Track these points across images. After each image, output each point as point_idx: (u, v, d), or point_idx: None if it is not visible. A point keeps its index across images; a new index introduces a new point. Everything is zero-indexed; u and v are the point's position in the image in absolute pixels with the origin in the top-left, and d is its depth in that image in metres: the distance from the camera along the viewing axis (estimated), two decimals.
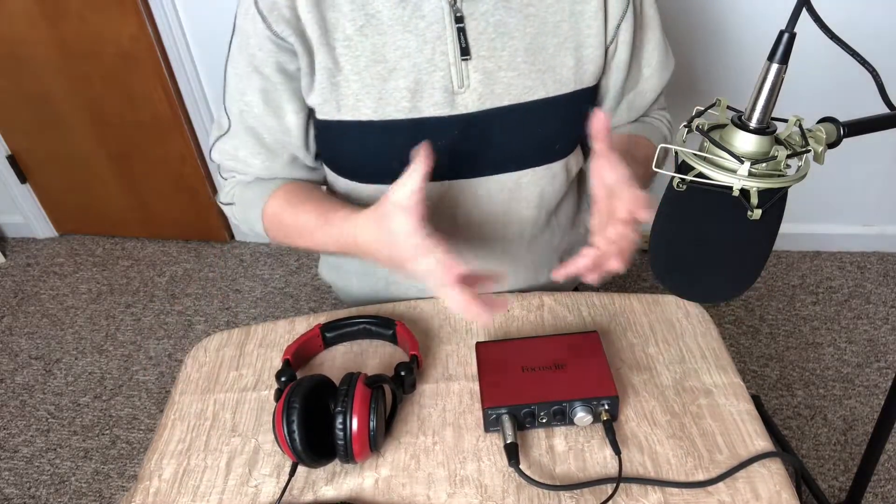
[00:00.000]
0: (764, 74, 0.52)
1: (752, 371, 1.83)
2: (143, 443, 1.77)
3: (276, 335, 0.91)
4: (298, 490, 0.72)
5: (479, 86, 0.83)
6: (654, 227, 0.66)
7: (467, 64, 0.82)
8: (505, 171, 0.90)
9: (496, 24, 0.82)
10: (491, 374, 0.76)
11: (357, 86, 0.83)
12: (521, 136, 0.88)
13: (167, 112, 2.10)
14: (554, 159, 0.92)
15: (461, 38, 0.81)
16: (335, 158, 0.93)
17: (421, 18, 0.80)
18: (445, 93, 0.83)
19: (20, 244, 2.52)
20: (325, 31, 0.81)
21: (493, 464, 0.72)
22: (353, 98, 0.83)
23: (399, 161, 0.85)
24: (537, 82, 0.85)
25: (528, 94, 0.85)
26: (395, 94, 0.83)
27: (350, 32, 0.81)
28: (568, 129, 0.91)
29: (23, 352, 2.06)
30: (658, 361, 0.82)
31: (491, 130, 0.86)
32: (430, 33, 0.81)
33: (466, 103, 0.84)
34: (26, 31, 1.98)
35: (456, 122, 0.85)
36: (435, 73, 0.82)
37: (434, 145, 0.83)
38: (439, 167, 0.86)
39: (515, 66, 0.83)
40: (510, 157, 0.90)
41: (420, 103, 0.83)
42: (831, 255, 2.18)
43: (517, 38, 0.83)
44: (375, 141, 0.86)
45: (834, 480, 1.56)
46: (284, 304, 2.16)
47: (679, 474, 0.70)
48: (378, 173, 0.90)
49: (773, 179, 0.54)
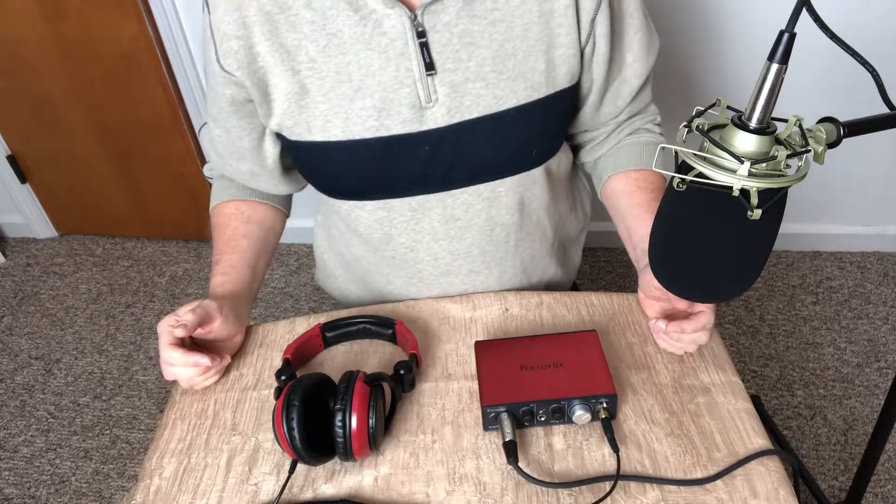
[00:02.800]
0: (764, 74, 0.53)
1: (752, 371, 1.83)
2: (143, 443, 1.77)
3: (277, 335, 0.91)
4: (298, 488, 0.72)
5: (447, 99, 0.82)
6: (653, 227, 0.66)
7: (433, 78, 0.80)
8: (480, 181, 0.89)
9: (460, 34, 0.79)
10: (490, 372, 0.76)
11: (325, 107, 0.82)
12: (495, 147, 0.86)
13: (167, 112, 2.10)
14: (532, 166, 0.91)
15: (425, 53, 0.79)
16: (312, 176, 0.94)
17: (382, 35, 0.78)
18: (413, 109, 0.82)
19: (20, 244, 2.52)
20: (288, 56, 0.80)
21: (491, 462, 0.72)
22: (323, 119, 0.83)
23: (370, 179, 0.88)
24: (507, 91, 0.82)
25: (499, 104, 0.83)
26: (362, 113, 0.82)
27: (314, 54, 0.80)
28: (544, 134, 0.89)
29: (23, 352, 2.07)
30: (656, 360, 0.82)
31: (462, 143, 0.85)
32: (392, 50, 0.79)
33: (435, 118, 0.83)
34: (26, 31, 1.98)
35: (426, 138, 0.84)
36: (401, 90, 0.81)
37: (405, 162, 0.84)
38: (413, 183, 0.88)
39: (483, 76, 0.81)
40: (484, 168, 0.88)
41: (388, 121, 0.82)
42: (831, 255, 2.18)
43: (483, 46, 0.80)
44: (346, 160, 0.86)
45: (834, 480, 1.56)
46: (284, 304, 2.16)
47: (677, 472, 0.70)
48: (352, 190, 0.91)
49: (773, 179, 0.54)
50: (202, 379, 0.82)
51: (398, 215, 0.91)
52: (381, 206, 0.90)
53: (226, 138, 0.92)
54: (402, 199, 0.89)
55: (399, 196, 0.89)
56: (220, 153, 0.96)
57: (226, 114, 0.88)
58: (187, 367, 0.80)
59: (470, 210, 0.91)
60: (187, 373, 0.81)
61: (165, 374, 0.82)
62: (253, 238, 0.96)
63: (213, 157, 0.98)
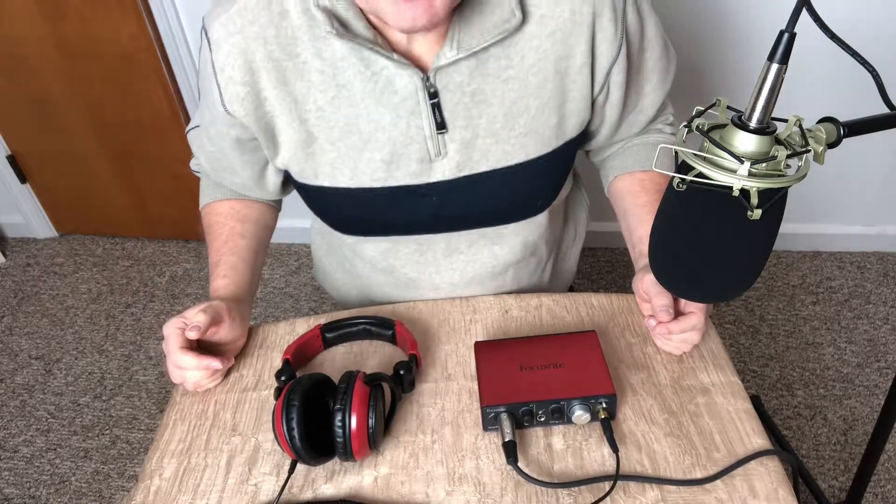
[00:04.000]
0: (764, 74, 0.53)
1: (752, 371, 1.83)
2: (143, 443, 1.77)
3: (277, 336, 0.91)
4: (298, 488, 0.72)
5: (457, 155, 0.81)
6: (654, 227, 0.66)
7: (444, 136, 0.80)
8: (485, 226, 0.90)
9: (472, 93, 0.78)
10: (489, 372, 0.76)
11: (333, 155, 0.81)
12: (502, 199, 0.87)
13: (167, 112, 2.10)
14: (536, 213, 0.91)
15: (436, 114, 0.78)
16: (318, 213, 0.94)
17: (394, 94, 0.77)
18: (422, 163, 0.82)
19: (20, 244, 2.52)
20: (295, 104, 0.79)
21: (491, 462, 0.72)
22: (330, 166, 0.82)
23: (377, 222, 0.88)
24: (517, 147, 0.82)
25: (508, 159, 0.83)
26: (371, 164, 0.81)
27: (322, 103, 0.78)
28: (551, 185, 0.90)
29: (23, 352, 2.07)
30: (656, 360, 0.82)
31: (470, 195, 0.85)
32: (403, 109, 0.78)
33: (444, 171, 0.83)
34: (26, 31, 1.98)
35: (433, 189, 0.84)
36: (411, 146, 0.80)
37: (412, 210, 0.85)
38: (419, 226, 0.88)
39: (494, 133, 0.81)
40: (490, 216, 0.89)
41: (396, 173, 0.82)
42: (831, 255, 2.18)
43: (495, 105, 0.79)
44: (353, 205, 0.86)
45: (834, 480, 1.56)
46: (284, 305, 2.16)
47: (676, 472, 0.70)
48: (359, 230, 0.91)
49: (773, 179, 0.54)
50: (208, 381, 0.82)
51: (403, 247, 0.92)
52: (385, 240, 0.92)
53: (220, 157, 0.91)
54: (407, 235, 0.91)
55: (405, 234, 0.90)
56: (212, 165, 0.95)
57: (228, 147, 0.87)
58: (199, 370, 0.80)
59: (473, 246, 0.92)
60: (198, 376, 0.81)
61: (174, 378, 0.81)
62: (250, 237, 0.96)
63: (205, 165, 0.97)
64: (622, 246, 0.96)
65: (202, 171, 1.02)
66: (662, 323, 0.78)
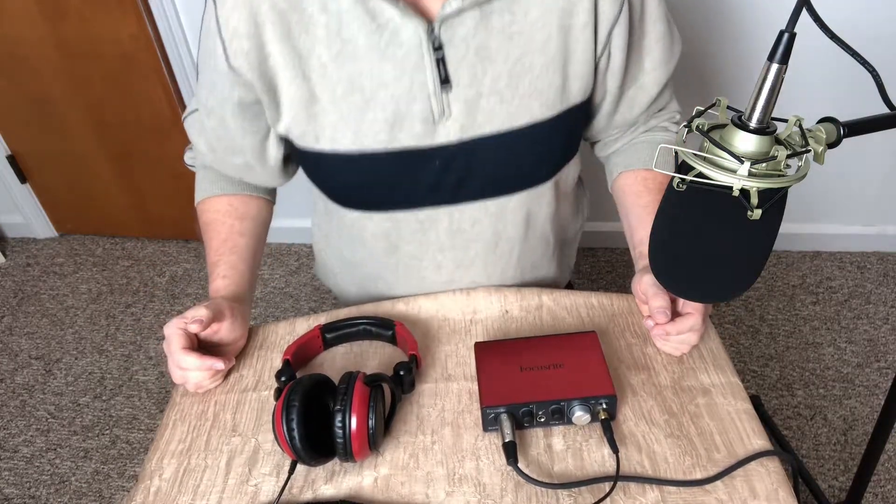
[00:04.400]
0: (764, 74, 0.53)
1: (752, 371, 1.83)
2: (143, 443, 1.77)
3: (277, 336, 0.91)
4: (298, 489, 0.72)
5: (461, 115, 0.80)
6: (654, 227, 0.66)
7: (447, 93, 0.79)
8: (489, 197, 0.89)
9: (477, 48, 0.77)
10: (489, 373, 0.76)
11: (335, 116, 0.80)
12: (506, 164, 0.86)
13: (167, 112, 2.10)
14: (541, 181, 0.90)
15: (441, 68, 0.77)
16: (320, 183, 0.93)
17: (398, 47, 0.77)
18: (425, 123, 0.80)
19: (20, 244, 2.52)
20: (299, 60, 0.78)
21: (491, 462, 0.72)
22: (331, 129, 0.81)
23: (380, 191, 0.87)
24: (521, 108, 0.81)
25: (512, 121, 0.82)
26: (374, 125, 0.80)
27: (325, 60, 0.78)
28: (556, 151, 0.89)
29: (23, 352, 2.07)
30: (656, 361, 0.82)
31: (474, 159, 0.84)
32: (407, 62, 0.77)
33: (448, 133, 0.81)
34: (26, 31, 1.98)
35: (437, 153, 0.83)
36: (414, 104, 0.79)
37: (415, 176, 0.84)
38: (422, 197, 0.87)
39: (498, 92, 0.80)
40: (494, 184, 0.88)
41: (399, 134, 0.81)
42: (831, 255, 2.18)
43: (500, 61, 0.78)
44: (355, 171, 0.85)
45: (834, 480, 1.56)
46: (284, 305, 2.16)
47: (677, 473, 0.70)
48: (360, 201, 0.90)
49: (773, 179, 0.54)
50: (209, 382, 0.82)
51: (405, 226, 0.91)
52: (387, 218, 0.90)
53: (221, 132, 0.89)
54: (409, 210, 0.89)
55: (407, 209, 0.89)
56: (211, 146, 0.93)
57: (229, 113, 0.86)
58: (201, 371, 0.80)
59: (476, 225, 0.91)
60: (200, 376, 0.81)
61: (175, 379, 0.81)
62: (249, 236, 0.96)
63: (203, 147, 0.94)
64: (622, 246, 0.96)
65: (198, 165, 1.01)
66: (660, 324, 0.78)
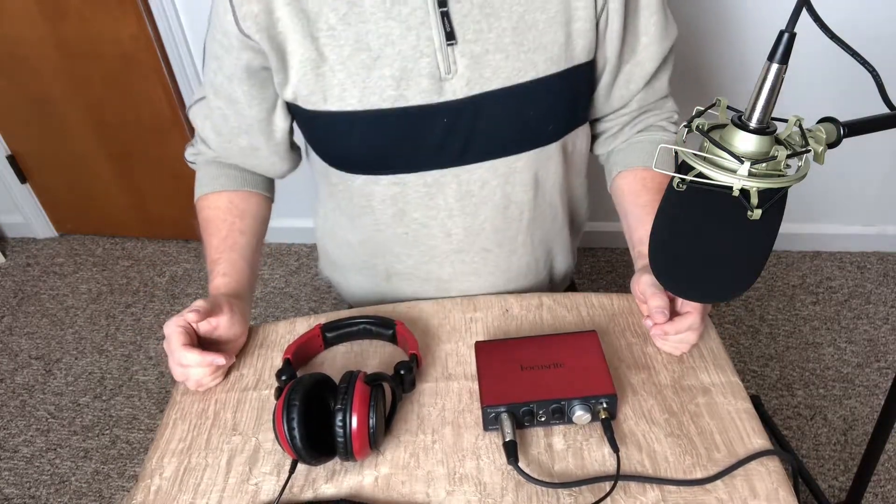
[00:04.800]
0: (764, 74, 0.53)
1: (752, 371, 1.83)
2: (143, 443, 1.77)
3: (277, 335, 0.91)
4: (298, 488, 0.72)
5: (467, 71, 0.82)
6: (654, 227, 0.66)
7: (453, 49, 0.80)
8: (497, 156, 0.89)
9: (481, 4, 0.79)
10: (490, 372, 0.76)
11: (342, 75, 0.81)
12: (512, 120, 0.86)
13: (167, 112, 2.11)
14: (548, 141, 0.90)
15: (445, 23, 0.79)
16: (326, 149, 0.92)
17: (404, 4, 0.78)
18: (432, 80, 0.82)
19: (20, 244, 2.52)
20: (307, 22, 0.79)
21: (492, 462, 0.73)
22: (339, 88, 0.82)
23: (386, 152, 0.87)
24: (527, 63, 0.83)
25: (518, 76, 0.83)
26: (381, 82, 0.81)
27: (333, 22, 0.79)
28: (561, 109, 0.89)
29: (23, 352, 2.07)
30: (656, 360, 0.82)
31: (480, 116, 0.85)
32: (413, 19, 0.79)
33: (454, 89, 0.82)
34: (26, 31, 1.99)
35: (444, 110, 0.83)
36: (421, 60, 0.80)
37: (422, 134, 0.84)
38: (429, 157, 0.87)
39: (503, 48, 0.81)
40: (501, 142, 0.88)
41: (406, 92, 0.82)
42: (831, 255, 2.18)
43: (504, 17, 0.80)
44: (363, 131, 0.85)
45: (834, 480, 1.56)
46: (284, 304, 2.16)
47: (677, 472, 0.70)
48: (367, 164, 0.90)
49: (773, 179, 0.54)
50: (210, 379, 0.83)
51: (412, 191, 0.90)
52: (395, 182, 0.90)
53: (228, 110, 0.90)
54: (416, 174, 0.89)
55: (414, 171, 0.89)
56: (217, 128, 0.94)
57: (236, 81, 0.86)
58: (202, 367, 0.80)
59: (485, 186, 0.90)
60: (201, 373, 0.81)
61: (177, 376, 0.81)
62: (250, 234, 0.96)
63: (209, 133, 0.96)
64: (622, 246, 0.96)
65: (199, 162, 1.01)
66: (658, 324, 0.79)
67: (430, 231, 0.94)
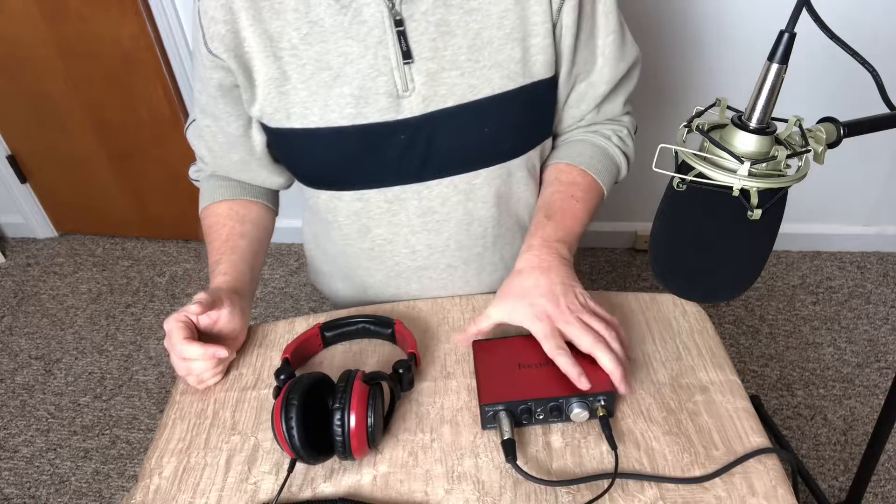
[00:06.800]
0: (764, 74, 0.53)
1: (752, 371, 1.83)
2: (143, 443, 1.78)
3: (276, 335, 0.91)
4: (297, 487, 0.72)
5: (424, 88, 0.82)
6: (654, 227, 0.66)
7: (410, 67, 0.81)
8: (455, 173, 0.89)
9: (437, 23, 0.80)
10: (488, 371, 0.77)
11: (304, 94, 0.83)
12: (469, 137, 0.87)
13: (167, 112, 2.11)
14: (509, 157, 0.90)
15: (402, 42, 0.80)
16: (291, 165, 0.94)
17: (362, 24, 0.80)
18: (390, 97, 0.83)
19: (20, 244, 2.52)
20: (270, 41, 0.81)
21: (490, 460, 0.73)
22: (302, 106, 0.84)
23: (347, 168, 0.88)
24: (482, 80, 0.83)
25: (474, 93, 0.84)
26: (340, 100, 0.83)
27: (295, 41, 0.81)
28: (521, 125, 0.89)
29: (23, 352, 2.07)
30: (655, 359, 0.82)
31: (437, 133, 0.85)
32: (371, 38, 0.80)
33: (412, 107, 0.83)
34: (26, 31, 1.99)
35: (402, 127, 0.84)
36: (378, 79, 0.82)
37: (381, 150, 0.85)
38: (389, 173, 0.88)
39: (459, 65, 0.82)
40: (460, 159, 0.89)
41: (365, 109, 0.83)
42: (831, 255, 2.18)
43: (459, 35, 0.81)
44: (323, 148, 0.87)
45: (834, 480, 1.56)
46: (284, 304, 2.16)
47: (675, 470, 0.70)
48: (330, 179, 0.91)
49: (773, 179, 0.54)
50: (211, 375, 0.83)
51: (374, 206, 0.92)
52: (357, 198, 0.91)
53: (215, 127, 0.92)
54: (377, 189, 0.90)
55: (375, 186, 0.90)
56: (209, 146, 0.96)
57: (214, 99, 0.89)
58: (205, 360, 0.80)
59: (446, 203, 0.91)
60: (203, 367, 0.81)
61: (179, 371, 0.82)
62: (250, 238, 0.97)
63: (203, 151, 0.98)
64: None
65: (202, 178, 1.03)
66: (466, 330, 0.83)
67: (394, 248, 0.95)
